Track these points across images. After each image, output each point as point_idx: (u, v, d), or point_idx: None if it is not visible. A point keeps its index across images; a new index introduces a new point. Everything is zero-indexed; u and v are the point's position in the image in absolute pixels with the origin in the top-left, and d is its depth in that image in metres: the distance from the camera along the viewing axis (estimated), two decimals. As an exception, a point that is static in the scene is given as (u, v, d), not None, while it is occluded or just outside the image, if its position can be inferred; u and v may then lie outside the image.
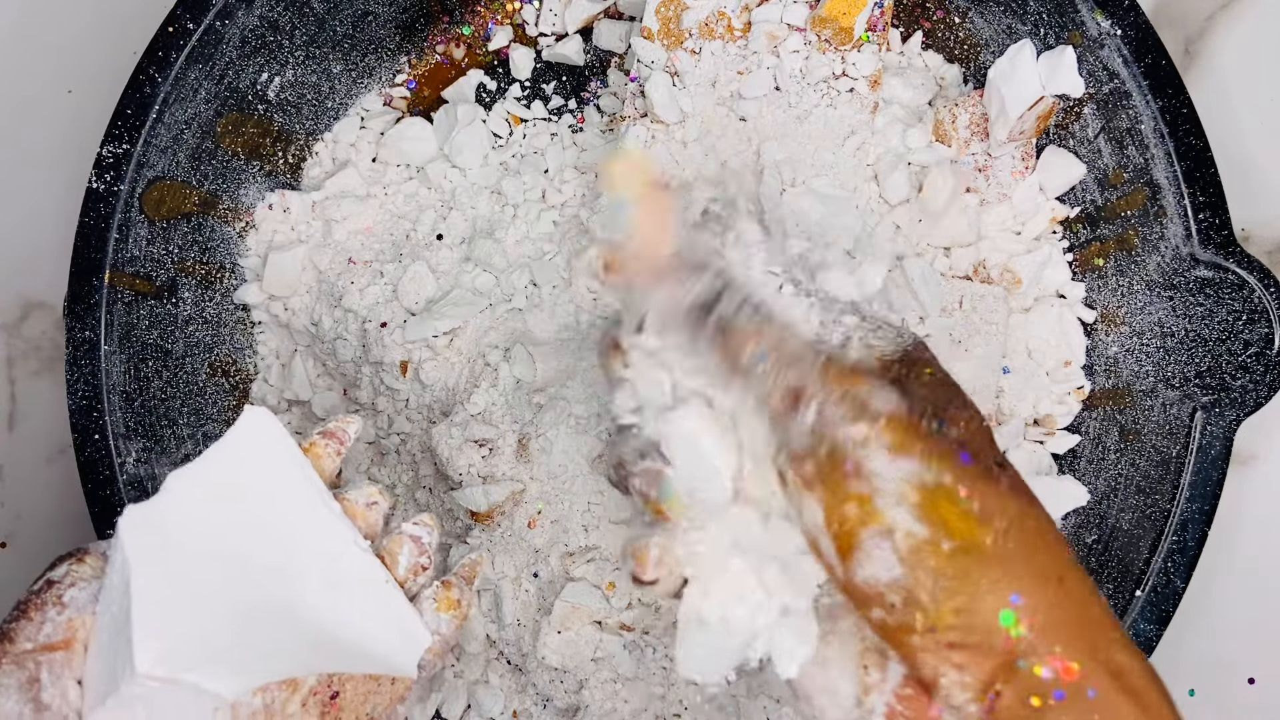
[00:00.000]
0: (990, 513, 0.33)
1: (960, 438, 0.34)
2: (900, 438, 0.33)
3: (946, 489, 0.33)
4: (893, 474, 0.33)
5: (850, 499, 0.33)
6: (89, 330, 0.51)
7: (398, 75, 0.62)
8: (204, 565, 0.35)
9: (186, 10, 0.52)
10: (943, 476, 0.33)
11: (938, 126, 0.56)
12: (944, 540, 0.32)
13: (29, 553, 0.61)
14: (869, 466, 0.33)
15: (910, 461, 0.33)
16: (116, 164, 0.51)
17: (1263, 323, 0.49)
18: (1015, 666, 0.32)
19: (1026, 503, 0.34)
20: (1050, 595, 0.33)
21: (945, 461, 0.33)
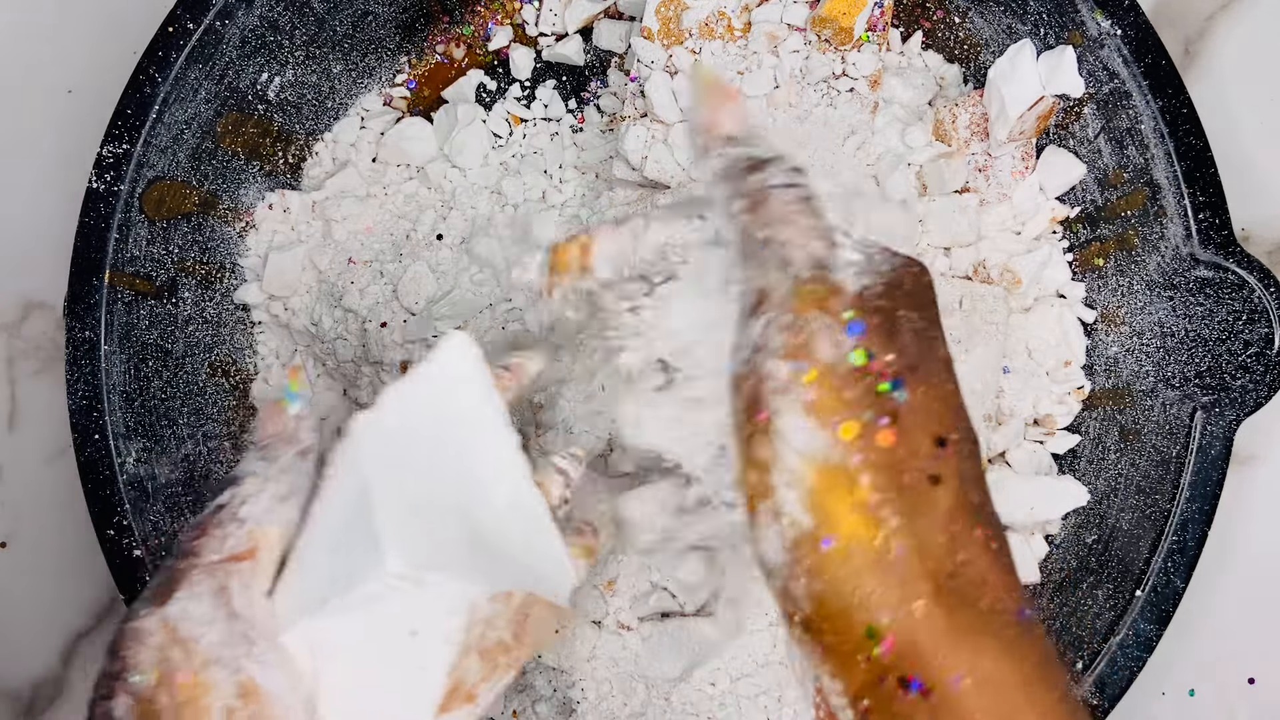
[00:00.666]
0: (882, 509, 0.29)
1: (898, 410, 0.30)
2: (824, 396, 0.30)
3: (849, 475, 0.29)
4: (798, 442, 0.30)
5: (753, 464, 0.30)
6: (89, 330, 0.51)
7: (398, 75, 0.62)
8: (423, 477, 0.36)
9: (186, 10, 0.52)
10: (850, 457, 0.29)
11: (938, 126, 0.56)
12: (825, 538, 0.29)
13: (29, 553, 0.61)
14: (778, 423, 0.30)
15: (821, 432, 0.29)
16: (116, 164, 0.51)
17: (1263, 323, 0.49)
18: (878, 684, 0.30)
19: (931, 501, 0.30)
20: (921, 608, 0.30)
21: (864, 439, 0.29)
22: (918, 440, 0.30)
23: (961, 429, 0.31)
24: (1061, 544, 0.56)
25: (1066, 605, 0.53)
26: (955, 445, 0.31)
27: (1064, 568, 0.55)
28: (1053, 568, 0.55)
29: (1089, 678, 0.51)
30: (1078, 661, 0.51)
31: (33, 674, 0.61)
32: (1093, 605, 0.52)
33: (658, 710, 0.53)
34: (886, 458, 0.30)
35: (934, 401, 0.31)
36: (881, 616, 0.29)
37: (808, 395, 0.30)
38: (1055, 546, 0.56)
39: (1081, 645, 0.52)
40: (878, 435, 0.30)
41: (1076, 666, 0.51)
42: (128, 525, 0.51)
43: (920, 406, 0.30)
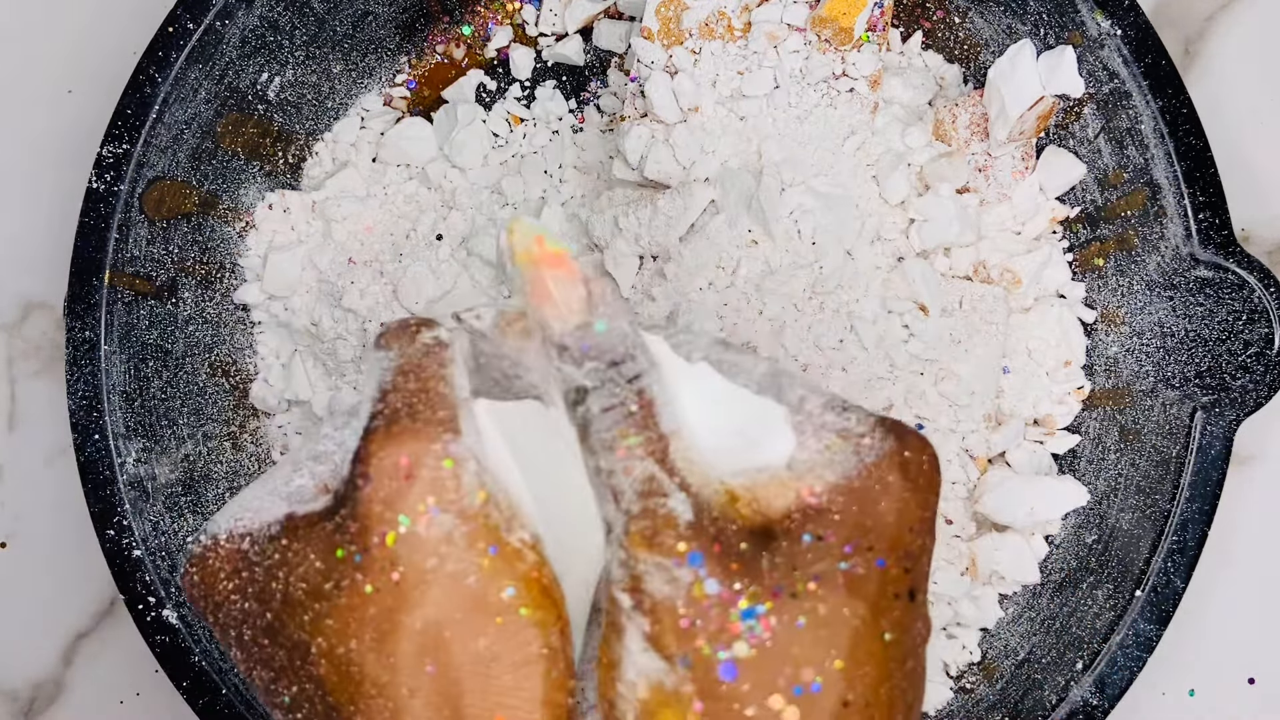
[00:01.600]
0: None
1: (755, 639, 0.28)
2: (659, 631, 0.29)
3: (681, 698, 0.28)
4: (640, 662, 0.29)
5: (604, 656, 0.30)
6: (89, 330, 0.51)
7: (398, 75, 0.62)
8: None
9: (186, 10, 0.52)
10: (684, 686, 0.28)
11: (938, 126, 0.56)
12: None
13: (29, 553, 0.61)
14: (625, 640, 0.29)
15: (656, 659, 0.29)
16: (116, 164, 0.51)
17: (1263, 323, 0.49)
18: None
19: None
20: None
21: (701, 669, 0.28)
22: (772, 679, 0.28)
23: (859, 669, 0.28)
24: (1061, 544, 0.56)
25: (1066, 605, 0.53)
26: (839, 677, 0.28)
27: (1064, 568, 0.55)
28: (1052, 568, 0.55)
29: (1089, 678, 0.51)
30: (1078, 661, 0.51)
31: (33, 674, 0.61)
32: (1093, 605, 0.52)
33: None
34: (726, 692, 0.28)
35: (807, 634, 0.28)
36: None
37: (647, 627, 0.29)
38: (1055, 546, 0.56)
39: (1081, 645, 0.52)
40: (718, 669, 0.28)
41: (1077, 667, 0.51)
42: (128, 525, 0.51)
43: (782, 639, 0.28)
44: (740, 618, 0.28)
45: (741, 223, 0.53)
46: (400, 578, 0.28)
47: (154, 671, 0.52)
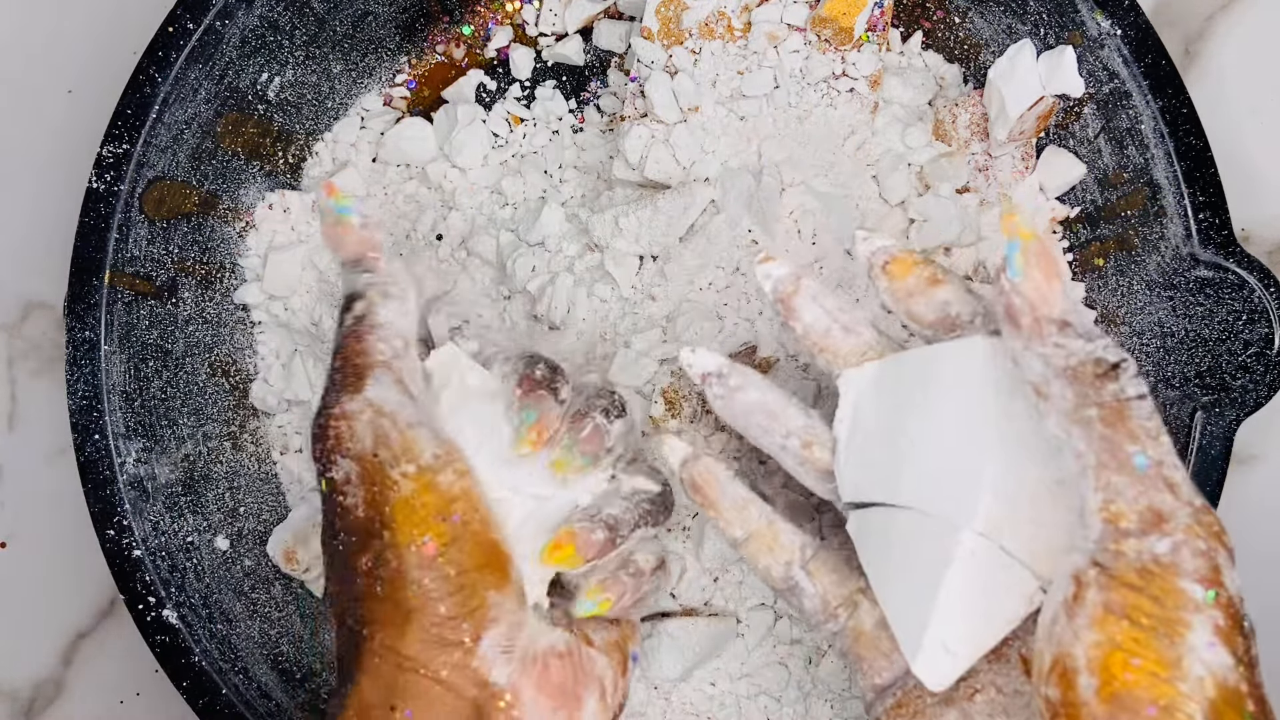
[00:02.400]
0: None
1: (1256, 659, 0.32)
2: (1229, 626, 0.31)
3: (1241, 699, 0.31)
4: (1206, 656, 0.31)
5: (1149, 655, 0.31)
6: (89, 330, 0.51)
7: (398, 75, 0.62)
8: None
9: (186, 10, 0.52)
10: (1243, 686, 0.31)
11: (938, 126, 0.56)
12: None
13: (29, 553, 0.61)
14: (1189, 636, 0.31)
15: (1227, 656, 0.31)
16: (116, 164, 0.51)
17: (1263, 323, 0.49)
18: None
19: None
20: None
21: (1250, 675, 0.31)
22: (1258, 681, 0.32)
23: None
24: (1061, 544, 0.56)
25: (1066, 605, 0.53)
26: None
27: (1064, 568, 0.55)
28: (1053, 568, 0.55)
29: (1089, 678, 0.51)
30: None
31: (33, 674, 0.61)
32: (1093, 605, 0.52)
33: (658, 710, 0.53)
34: (1260, 693, 0.31)
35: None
36: None
37: (1218, 619, 0.31)
38: (1055, 546, 0.56)
39: (1081, 645, 0.52)
40: (1256, 669, 0.31)
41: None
42: (128, 525, 0.51)
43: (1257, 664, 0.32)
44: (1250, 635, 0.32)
45: (741, 223, 0.53)
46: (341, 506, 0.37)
47: (154, 671, 0.52)
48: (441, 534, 0.35)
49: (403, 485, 0.36)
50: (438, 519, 0.36)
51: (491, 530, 0.37)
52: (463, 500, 0.37)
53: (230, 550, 0.55)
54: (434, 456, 0.36)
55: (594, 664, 0.39)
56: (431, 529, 0.35)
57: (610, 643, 0.40)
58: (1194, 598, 0.31)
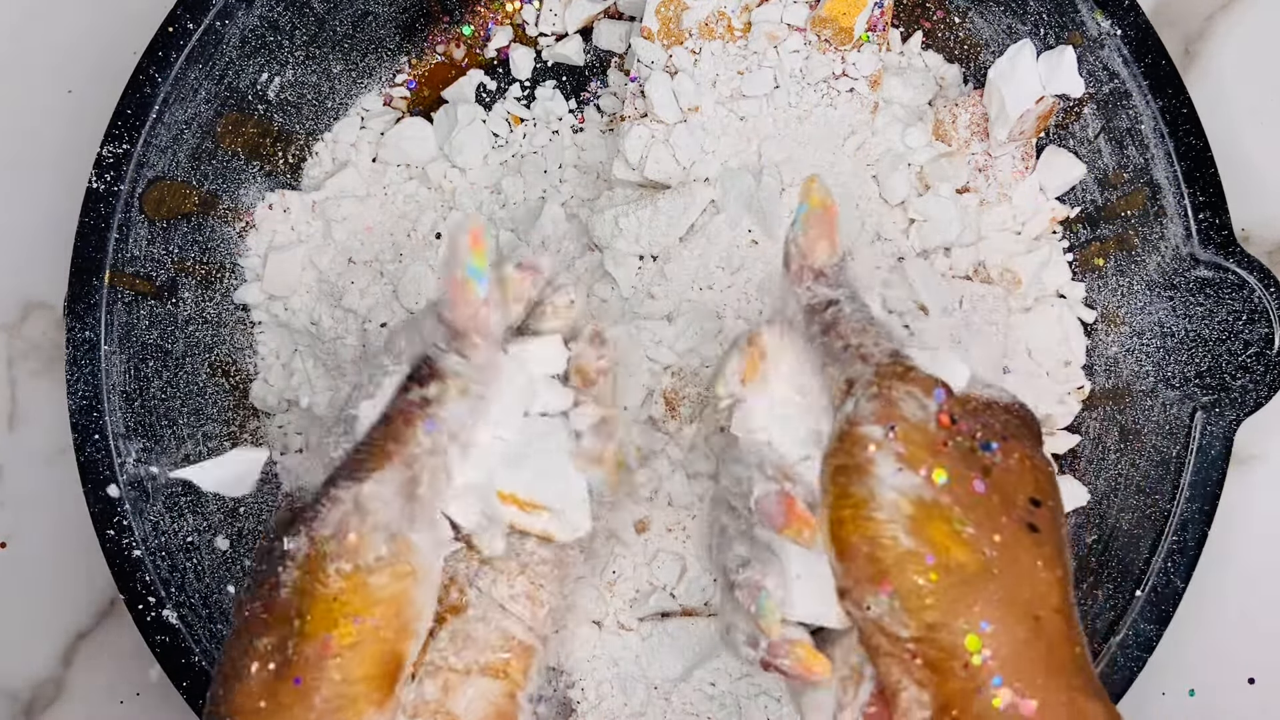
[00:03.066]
0: (980, 539, 0.33)
1: (991, 467, 0.35)
2: (913, 450, 0.34)
3: (944, 508, 0.33)
4: (894, 482, 0.34)
5: (847, 505, 0.34)
6: (89, 330, 0.51)
7: (398, 75, 0.62)
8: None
9: (186, 10, 0.52)
10: (941, 496, 0.33)
11: (938, 126, 0.56)
12: (928, 555, 0.33)
13: (29, 553, 0.61)
14: (875, 471, 0.34)
15: (913, 476, 0.34)
16: (116, 164, 0.51)
17: (1263, 323, 0.49)
18: (973, 693, 0.32)
19: (1031, 542, 0.34)
20: (1022, 631, 0.33)
21: (954, 483, 0.34)
22: (1012, 494, 0.35)
23: (1057, 502, 0.36)
24: (1061, 544, 0.56)
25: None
26: (1050, 510, 0.35)
27: (1064, 568, 0.55)
28: (1053, 568, 0.55)
29: (1089, 678, 0.51)
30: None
31: (33, 674, 0.61)
32: (1093, 605, 0.52)
33: (658, 710, 0.53)
34: (980, 502, 0.34)
35: (1027, 469, 0.36)
36: (984, 628, 0.32)
37: (898, 448, 0.34)
38: (1055, 546, 0.56)
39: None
40: (971, 483, 0.34)
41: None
42: (128, 525, 0.51)
43: (1014, 468, 0.35)
44: (981, 448, 0.35)
45: (741, 223, 0.53)
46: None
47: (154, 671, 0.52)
48: (347, 634, 0.35)
49: (332, 582, 0.35)
50: (349, 619, 0.35)
51: (404, 640, 0.36)
52: (387, 605, 0.35)
53: (230, 550, 0.55)
54: (377, 558, 0.35)
55: None
56: (339, 627, 0.35)
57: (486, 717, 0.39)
58: (873, 437, 0.34)
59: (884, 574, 0.33)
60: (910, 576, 0.33)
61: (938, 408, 0.35)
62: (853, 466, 0.34)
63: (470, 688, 0.39)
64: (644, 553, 0.53)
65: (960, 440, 0.35)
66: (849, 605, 0.35)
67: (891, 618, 0.33)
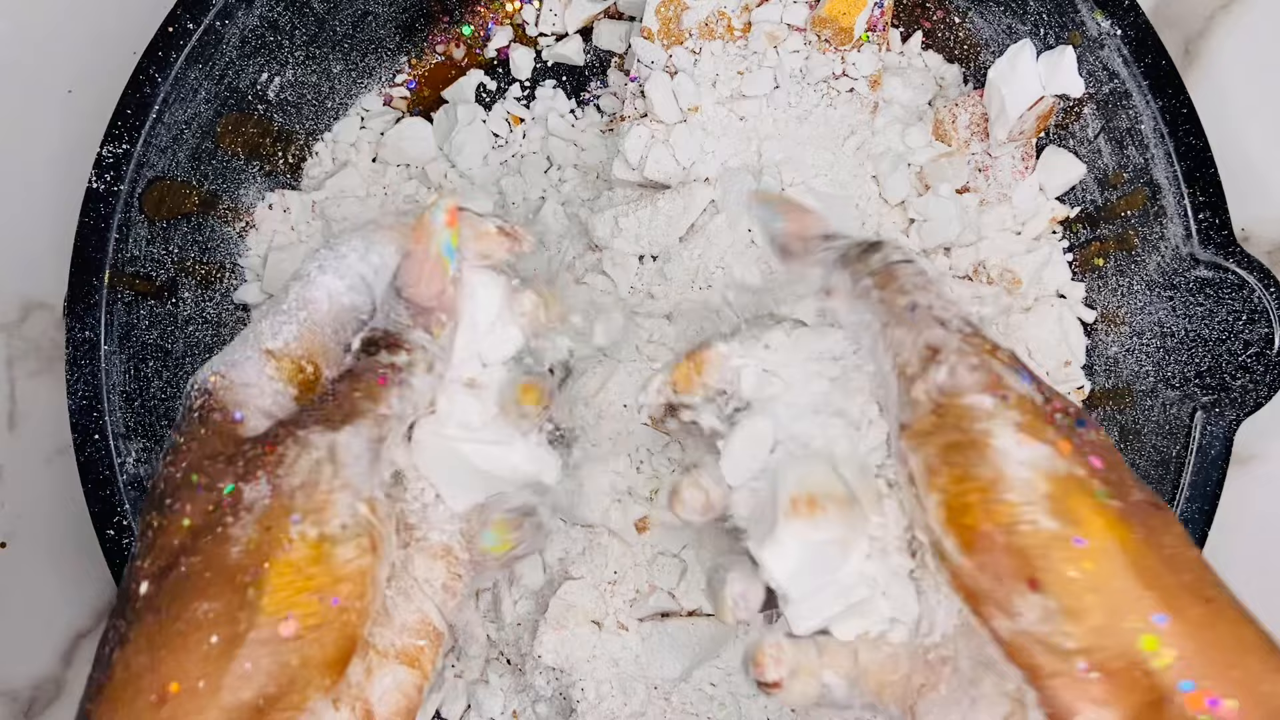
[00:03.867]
0: (1130, 516, 0.29)
1: (1097, 443, 0.31)
2: (1031, 420, 0.30)
3: (1081, 480, 0.30)
4: (1021, 456, 0.30)
5: (971, 488, 0.30)
6: (89, 330, 0.51)
7: (398, 75, 0.62)
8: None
9: (186, 10, 0.52)
10: (1076, 468, 0.30)
11: (938, 126, 0.56)
12: (1076, 538, 0.29)
13: (29, 553, 0.61)
14: (995, 444, 0.30)
15: (1041, 446, 0.30)
16: (116, 164, 0.51)
17: (1263, 323, 0.48)
18: (1161, 704, 0.28)
19: (1162, 521, 0.30)
20: (1198, 616, 0.28)
21: (1078, 457, 0.30)
22: (1122, 472, 0.31)
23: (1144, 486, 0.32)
24: (1061, 544, 0.56)
25: (1066, 605, 0.53)
26: (1148, 493, 0.31)
27: (1064, 568, 0.55)
28: (1053, 568, 0.55)
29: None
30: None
31: (33, 674, 0.61)
32: (1093, 605, 0.52)
33: (658, 710, 0.53)
34: (1108, 476, 0.30)
35: (1117, 455, 0.32)
36: (1159, 623, 0.28)
37: (1018, 418, 0.30)
38: (1055, 546, 0.56)
39: (1081, 645, 0.52)
40: (1090, 458, 0.30)
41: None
42: (128, 525, 0.51)
43: (1108, 446, 0.32)
44: (1076, 424, 0.31)
45: (741, 223, 0.53)
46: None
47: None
48: (310, 614, 0.31)
49: (295, 548, 0.31)
50: (313, 596, 0.31)
51: (363, 624, 0.33)
52: (352, 583, 0.32)
53: (230, 550, 0.55)
54: (342, 526, 0.32)
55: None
56: (301, 607, 0.31)
57: (397, 713, 0.36)
58: (984, 408, 0.31)
59: (1030, 566, 0.29)
60: (1062, 568, 0.28)
61: (1029, 387, 0.32)
62: (968, 443, 0.30)
63: (388, 675, 0.36)
64: (644, 553, 0.53)
65: (1060, 417, 0.31)
66: (994, 616, 0.30)
67: (1050, 625, 0.29)
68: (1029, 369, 0.32)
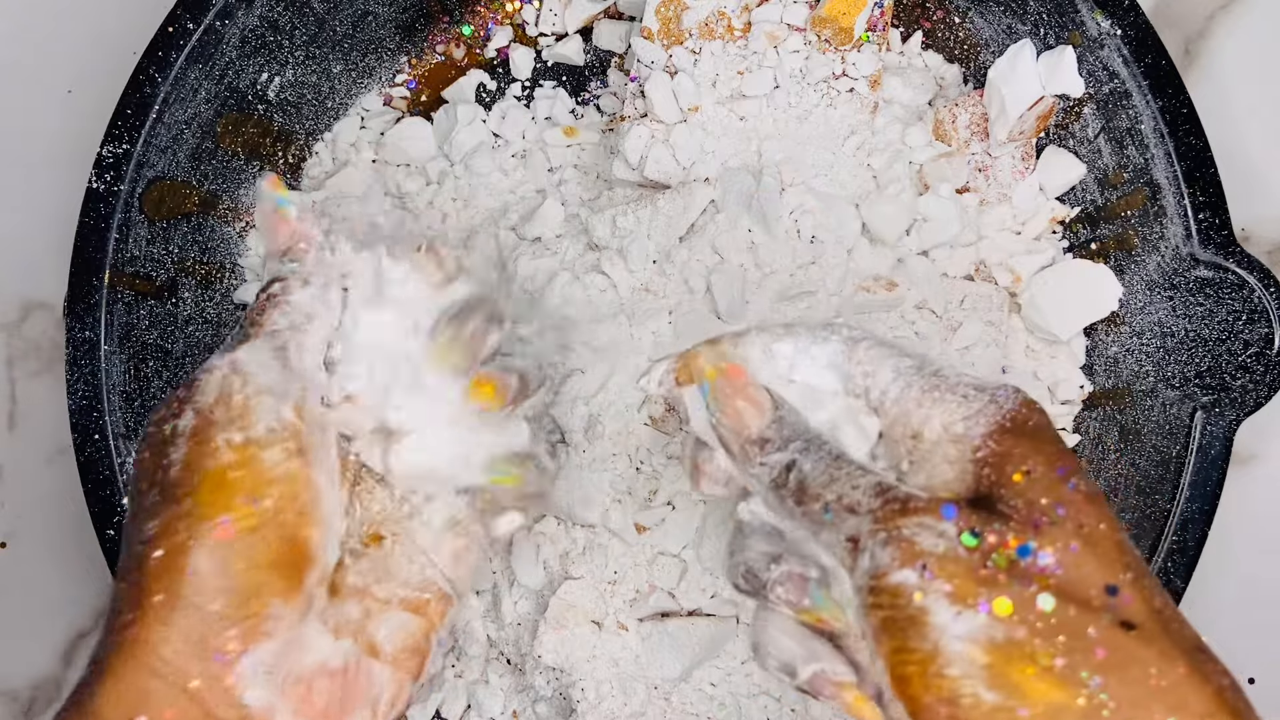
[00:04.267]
0: (1077, 666, 0.28)
1: (1047, 568, 0.29)
2: (961, 584, 0.29)
3: (1021, 644, 0.29)
4: (958, 630, 0.29)
5: (911, 660, 0.30)
6: (89, 330, 0.51)
7: (398, 75, 0.62)
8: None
9: (186, 10, 0.52)
10: (1016, 631, 0.29)
11: (938, 126, 0.56)
12: (1020, 708, 0.28)
13: (29, 553, 0.61)
14: (931, 620, 0.29)
15: (975, 615, 0.29)
16: (116, 164, 0.51)
17: (1263, 323, 0.48)
18: None
19: (1135, 643, 0.29)
20: None
21: (1020, 614, 0.29)
22: (1084, 593, 0.29)
23: (1134, 565, 0.30)
24: (1061, 544, 0.56)
25: (1066, 605, 0.53)
26: (1134, 585, 0.30)
27: (1064, 568, 0.55)
28: (1053, 568, 0.55)
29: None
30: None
31: (33, 674, 0.61)
32: (1093, 605, 0.52)
33: (658, 710, 0.53)
34: (1057, 621, 0.29)
35: (1085, 549, 0.30)
36: None
37: (946, 586, 0.30)
38: (1055, 546, 0.56)
39: (1081, 645, 0.52)
40: (1034, 602, 0.29)
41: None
42: (128, 525, 0.51)
43: (1069, 561, 0.30)
44: (1018, 555, 0.30)
45: (741, 223, 0.53)
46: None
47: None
48: (244, 517, 0.33)
49: (222, 454, 0.33)
50: (245, 500, 0.33)
51: (306, 526, 0.34)
52: (283, 484, 0.34)
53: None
54: (268, 430, 0.34)
55: (371, 679, 0.36)
56: (235, 510, 0.33)
57: (403, 650, 0.37)
58: (910, 584, 0.30)
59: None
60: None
61: (955, 527, 0.30)
62: (905, 619, 0.30)
63: (393, 619, 0.37)
64: (644, 553, 0.53)
65: (997, 556, 0.30)
66: None
67: None
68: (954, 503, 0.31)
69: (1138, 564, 0.31)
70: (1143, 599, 0.30)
